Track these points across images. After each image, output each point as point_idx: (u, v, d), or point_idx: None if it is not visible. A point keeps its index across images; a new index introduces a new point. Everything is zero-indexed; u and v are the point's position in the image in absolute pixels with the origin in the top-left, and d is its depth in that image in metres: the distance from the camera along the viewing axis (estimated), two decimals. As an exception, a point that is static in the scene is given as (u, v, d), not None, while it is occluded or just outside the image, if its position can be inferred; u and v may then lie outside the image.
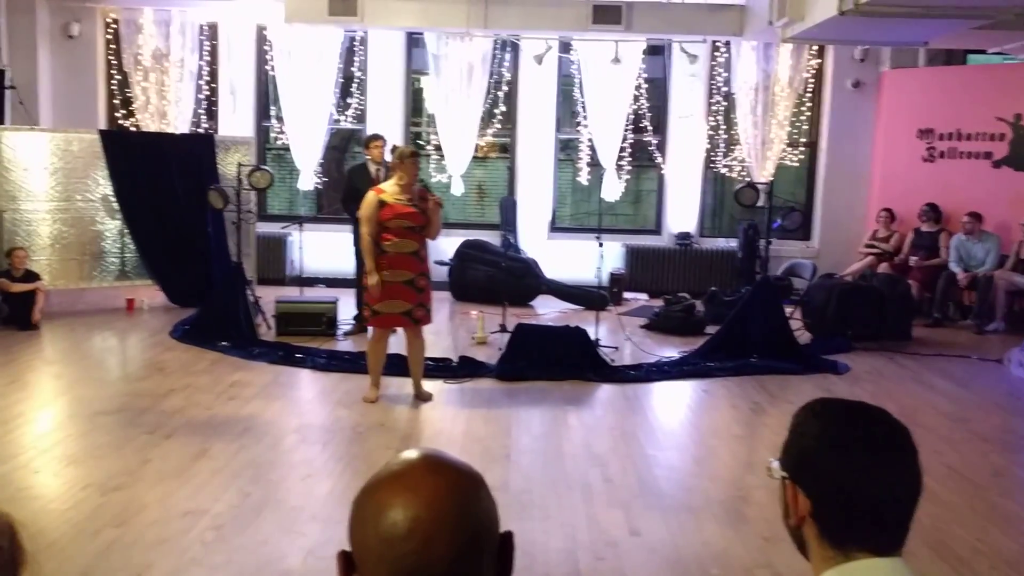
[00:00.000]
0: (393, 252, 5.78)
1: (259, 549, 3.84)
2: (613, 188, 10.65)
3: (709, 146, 10.84)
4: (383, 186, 5.98)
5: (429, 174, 10.65)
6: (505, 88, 10.64)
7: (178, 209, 9.10)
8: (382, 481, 1.05)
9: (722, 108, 10.75)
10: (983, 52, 10.33)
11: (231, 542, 3.88)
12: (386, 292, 5.79)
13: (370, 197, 5.84)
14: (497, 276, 9.15)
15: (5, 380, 6.43)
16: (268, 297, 8.67)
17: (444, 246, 7.66)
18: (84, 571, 3.56)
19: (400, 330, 6.18)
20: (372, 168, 7.93)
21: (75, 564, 3.61)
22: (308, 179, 10.70)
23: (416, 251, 5.85)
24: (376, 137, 8.16)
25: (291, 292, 9.22)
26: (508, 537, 1.09)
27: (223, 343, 7.43)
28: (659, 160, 10.81)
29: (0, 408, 5.72)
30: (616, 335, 8.31)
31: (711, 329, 8.33)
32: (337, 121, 10.75)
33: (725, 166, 10.86)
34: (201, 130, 10.55)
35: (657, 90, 10.87)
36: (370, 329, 6.60)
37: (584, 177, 10.83)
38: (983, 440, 5.72)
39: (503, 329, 8.00)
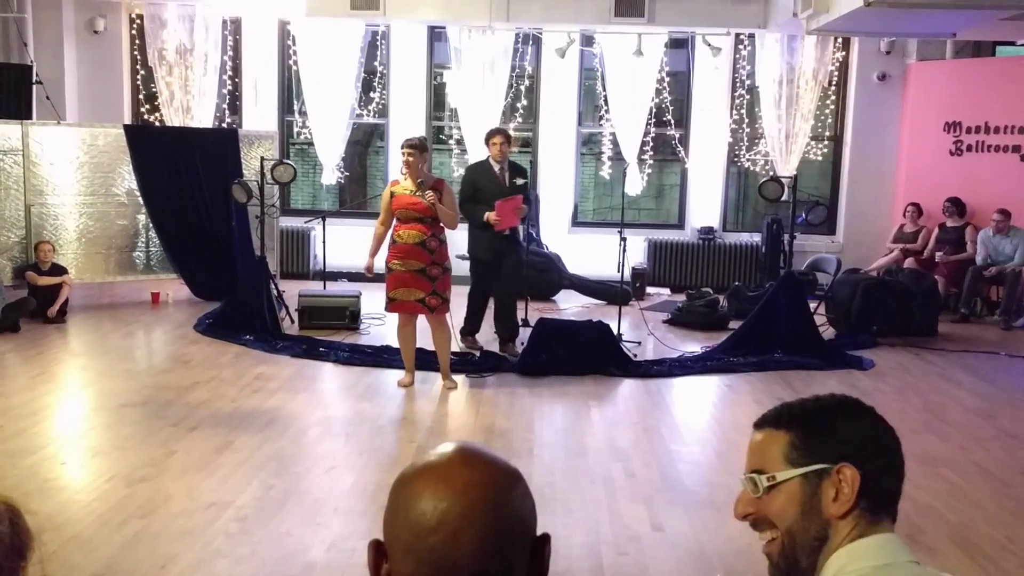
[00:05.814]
0: (401, 242, 6.03)
1: (283, 541, 3.86)
2: (635, 182, 10.61)
3: (732, 140, 10.77)
4: (399, 178, 6.17)
5: (452, 168, 10.65)
6: (527, 82, 10.61)
7: (202, 203, 9.17)
8: (417, 471, 1.05)
9: (746, 101, 10.67)
10: (1012, 44, 10.17)
11: (255, 534, 3.91)
12: (399, 280, 6.03)
13: (386, 190, 6.24)
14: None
15: (32, 372, 6.51)
16: (291, 291, 8.71)
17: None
18: (109, 562, 3.59)
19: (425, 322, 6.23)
20: (495, 167, 7.24)
21: (100, 555, 3.64)
22: (331, 173, 10.73)
23: (423, 242, 5.99)
24: (496, 132, 7.34)
25: (314, 286, 9.26)
26: (545, 540, 1.06)
27: (247, 336, 7.47)
28: (682, 154, 10.75)
29: (27, 400, 5.79)
30: (639, 330, 8.28)
31: (734, 324, 8.28)
32: (359, 115, 10.77)
33: (749, 160, 10.79)
34: (225, 125, 10.61)
35: (680, 83, 10.80)
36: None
37: (606, 171, 10.79)
38: (1011, 437, 5.65)
39: (525, 323, 7.99)
